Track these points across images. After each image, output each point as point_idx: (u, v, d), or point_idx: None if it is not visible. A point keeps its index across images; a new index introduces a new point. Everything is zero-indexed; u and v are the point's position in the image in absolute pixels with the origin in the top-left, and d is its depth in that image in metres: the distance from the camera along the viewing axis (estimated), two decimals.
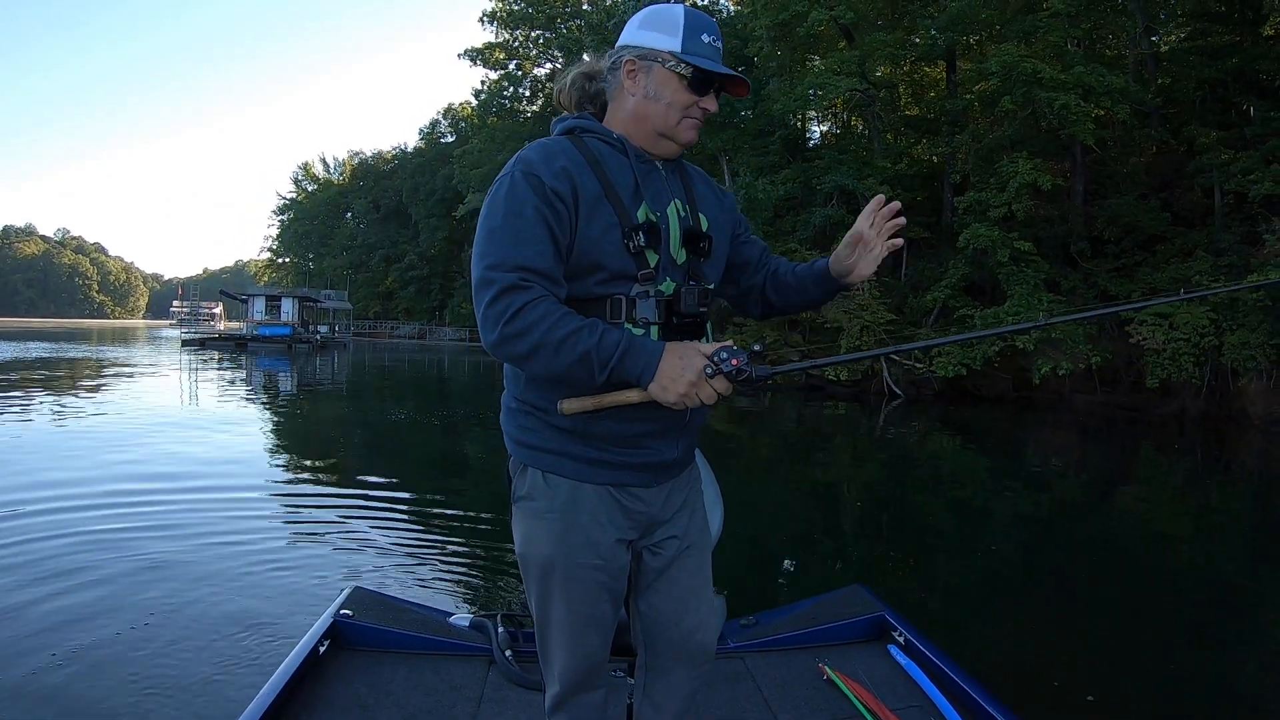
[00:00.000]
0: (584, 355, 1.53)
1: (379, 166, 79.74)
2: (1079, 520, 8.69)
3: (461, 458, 11.70)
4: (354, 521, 6.98)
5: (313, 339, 48.88)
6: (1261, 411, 18.09)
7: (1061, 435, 16.49)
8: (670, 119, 1.74)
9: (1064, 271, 22.00)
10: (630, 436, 1.70)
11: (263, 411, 16.80)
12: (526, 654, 2.90)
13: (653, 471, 1.77)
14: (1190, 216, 21.56)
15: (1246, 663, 4.58)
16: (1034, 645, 4.81)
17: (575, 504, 1.72)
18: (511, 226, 1.59)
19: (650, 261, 1.68)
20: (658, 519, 1.82)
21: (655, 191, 1.74)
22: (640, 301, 1.66)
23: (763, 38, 25.65)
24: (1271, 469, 13.38)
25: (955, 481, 11.15)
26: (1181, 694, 4.14)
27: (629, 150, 1.73)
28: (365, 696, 2.61)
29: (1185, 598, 6.02)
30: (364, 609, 3.05)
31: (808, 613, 3.23)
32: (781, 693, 2.73)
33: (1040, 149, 21.91)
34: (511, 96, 54.97)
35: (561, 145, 1.70)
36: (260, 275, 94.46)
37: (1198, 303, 18.25)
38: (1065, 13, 20.78)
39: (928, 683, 2.70)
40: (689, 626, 1.88)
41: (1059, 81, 19.32)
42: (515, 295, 1.54)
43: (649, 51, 1.73)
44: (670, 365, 1.55)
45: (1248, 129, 20.62)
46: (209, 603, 4.74)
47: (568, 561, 1.72)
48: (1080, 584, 6.17)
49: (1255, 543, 8.21)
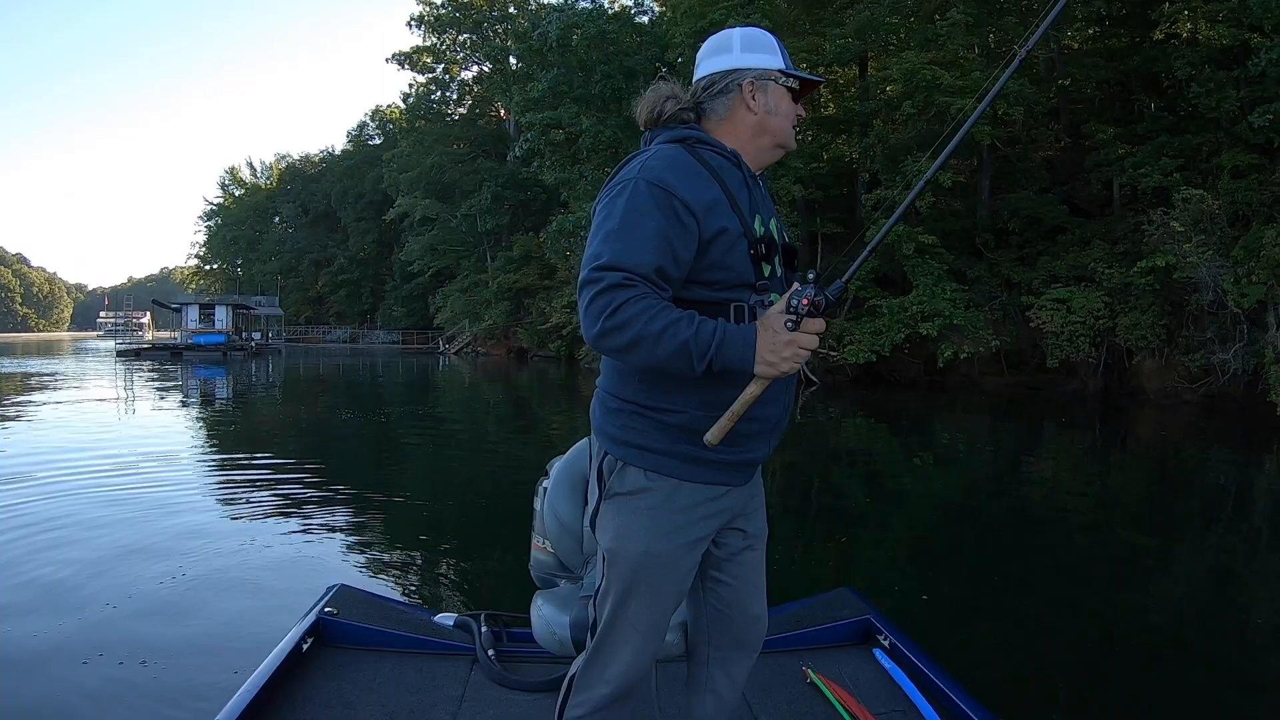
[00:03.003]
0: (682, 345, 1.56)
1: (306, 170, 78.11)
2: (988, 497, 9.24)
3: (443, 459, 11.67)
4: (337, 520, 7.02)
5: (247, 346, 48.13)
6: (1155, 387, 19.25)
7: (971, 416, 17.23)
8: (788, 129, 1.88)
9: (969, 262, 22.93)
10: (736, 436, 1.70)
11: (227, 416, 16.74)
12: (510, 654, 2.91)
13: (748, 469, 1.83)
14: (1090, 208, 22.69)
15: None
16: (976, 629, 4.85)
17: (675, 502, 1.74)
18: (626, 233, 1.62)
19: (765, 273, 1.74)
20: (738, 514, 1.87)
21: (761, 206, 1.80)
22: (760, 311, 1.67)
23: (682, 45, 26.14)
24: (1166, 439, 14.27)
25: (870, 461, 11.67)
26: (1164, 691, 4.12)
27: (743, 165, 1.80)
28: (348, 693, 2.60)
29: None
30: (348, 607, 3.04)
31: (793, 615, 3.17)
32: (764, 696, 2.68)
33: (943, 148, 22.82)
34: (439, 100, 54.79)
35: (683, 156, 1.73)
36: (188, 283, 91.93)
37: (1093, 286, 19.35)
38: (964, 22, 21.70)
39: (911, 687, 2.67)
40: (754, 614, 1.94)
41: (957, 87, 20.16)
42: (618, 292, 1.57)
43: (764, 71, 1.84)
44: (764, 341, 1.59)
45: (1139, 126, 21.70)
46: (190, 602, 4.74)
47: (661, 560, 1.75)
48: (1011, 562, 6.43)
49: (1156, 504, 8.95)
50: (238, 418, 16.78)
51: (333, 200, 68.51)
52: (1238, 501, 9.15)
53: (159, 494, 7.80)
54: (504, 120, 49.48)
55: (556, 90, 30.39)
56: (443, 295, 50.53)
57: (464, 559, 6.09)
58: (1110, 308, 19.11)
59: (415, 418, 16.78)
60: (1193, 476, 11.05)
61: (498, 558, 5.97)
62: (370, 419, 16.54)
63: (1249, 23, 16.69)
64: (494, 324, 44.45)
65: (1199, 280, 16.61)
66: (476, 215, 44.91)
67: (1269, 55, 15.62)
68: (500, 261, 44.51)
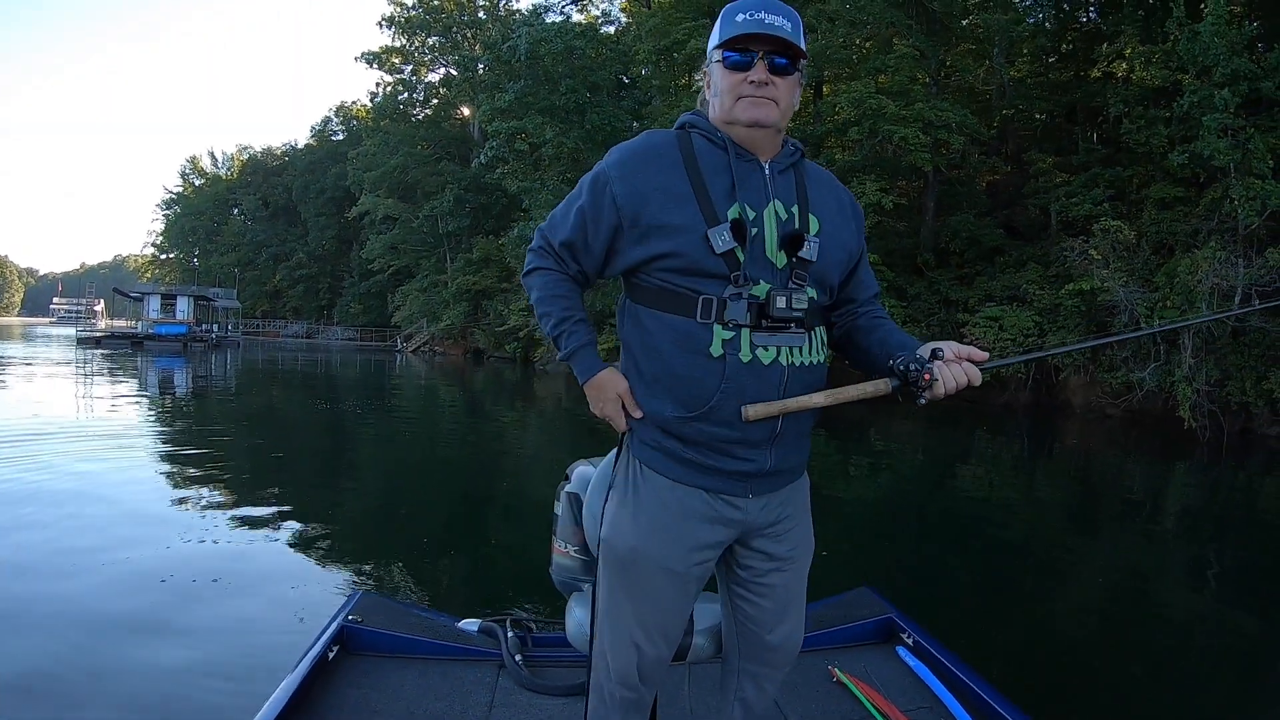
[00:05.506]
0: (551, 335, 1.82)
1: (268, 162, 77.19)
2: (922, 495, 9.88)
3: (462, 462, 11.67)
4: (359, 527, 7.04)
5: (207, 338, 47.61)
6: (1081, 401, 20.03)
7: (907, 424, 17.88)
8: (726, 105, 1.70)
9: (910, 279, 23.73)
10: (719, 443, 1.67)
11: (217, 416, 16.25)
12: (537, 659, 2.88)
13: (747, 480, 1.73)
14: (1029, 232, 23.53)
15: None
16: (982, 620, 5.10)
17: (668, 502, 1.71)
18: (563, 207, 1.80)
19: (741, 261, 1.64)
20: (755, 528, 1.77)
21: (754, 191, 1.69)
22: (731, 303, 1.63)
23: (644, 61, 26.72)
24: (1090, 449, 15.07)
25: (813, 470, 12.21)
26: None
27: (730, 148, 1.70)
28: (375, 701, 2.58)
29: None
30: (372, 614, 3.00)
31: (816, 615, 3.10)
32: (791, 695, 2.67)
33: (891, 171, 23.62)
34: (406, 101, 54.73)
35: (660, 141, 1.74)
36: (143, 271, 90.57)
37: (1025, 306, 20.18)
38: (910, 55, 22.55)
39: (937, 684, 2.67)
40: (784, 634, 1.86)
41: (900, 116, 20.92)
42: (533, 256, 1.85)
43: (709, 54, 1.75)
44: (592, 388, 1.79)
45: (1075, 157, 22.66)
46: (216, 611, 4.70)
47: (650, 558, 1.71)
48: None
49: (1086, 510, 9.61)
50: (230, 417, 16.21)
51: (294, 194, 67.84)
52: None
53: (163, 499, 7.64)
54: (468, 123, 49.61)
55: (523, 100, 30.81)
56: (402, 294, 50.40)
57: (486, 564, 6.11)
58: (1040, 326, 19.81)
59: (395, 415, 16.95)
60: (1111, 483, 11.82)
61: (519, 563, 5.96)
62: (359, 418, 16.58)
63: (1178, 65, 17.60)
64: (452, 324, 44.52)
65: (1118, 303, 17.50)
66: (438, 217, 45.01)
67: (1191, 98, 16.53)
68: (460, 263, 44.60)
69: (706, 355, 1.63)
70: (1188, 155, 16.79)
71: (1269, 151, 15.68)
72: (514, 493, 8.82)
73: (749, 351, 1.63)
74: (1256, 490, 11.87)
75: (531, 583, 5.05)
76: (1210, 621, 5.56)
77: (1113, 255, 17.98)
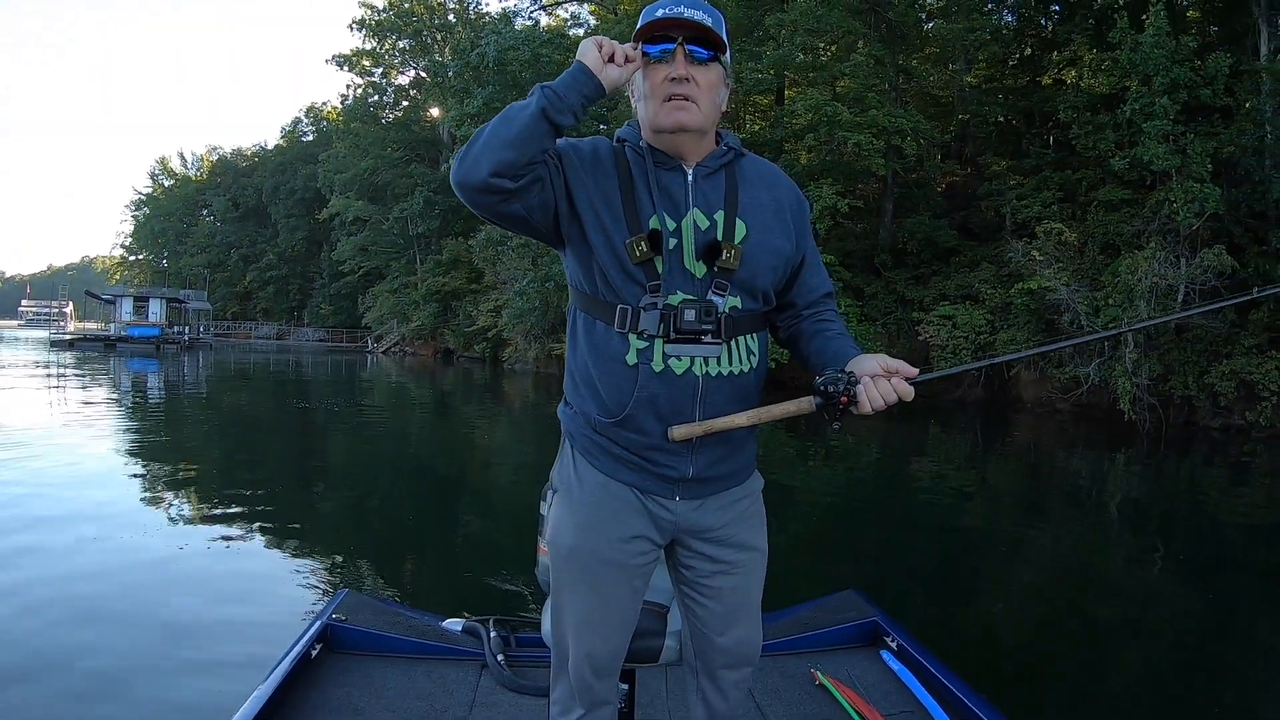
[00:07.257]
0: (530, 113, 1.53)
1: (238, 163, 76.51)
2: (876, 488, 10.22)
3: (435, 460, 11.66)
4: (339, 527, 7.02)
5: (180, 340, 47.41)
6: (1031, 397, 20.58)
7: (865, 420, 18.24)
8: (651, 110, 1.64)
9: (868, 279, 24.22)
10: (638, 449, 1.67)
11: (200, 418, 16.25)
12: (519, 659, 2.86)
13: (672, 484, 1.70)
14: (984, 233, 24.00)
15: None
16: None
17: (602, 497, 1.71)
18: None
19: (659, 272, 1.62)
20: (691, 530, 1.75)
21: (672, 200, 1.66)
22: (645, 314, 1.61)
23: None
24: (1040, 444, 15.55)
25: (762, 460, 12.47)
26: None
27: (647, 158, 1.67)
28: (358, 699, 2.56)
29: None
30: (356, 613, 2.99)
31: (801, 618, 3.13)
32: (773, 697, 2.65)
33: (848, 175, 24.00)
34: (376, 104, 54.59)
35: (603, 148, 1.71)
36: (112, 274, 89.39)
37: (977, 305, 20.68)
38: (865, 63, 22.99)
39: (920, 688, 2.65)
40: (734, 637, 1.82)
41: (855, 122, 21.36)
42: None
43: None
44: (583, 58, 1.59)
45: (1027, 160, 23.21)
46: (199, 609, 4.70)
47: (589, 551, 1.71)
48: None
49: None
50: (208, 418, 16.33)
51: (264, 195, 67.37)
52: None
53: (143, 501, 7.67)
54: (438, 126, 49.61)
55: (491, 106, 30.97)
56: (372, 295, 50.32)
57: (469, 564, 6.08)
58: (991, 324, 20.31)
59: (367, 414, 17.04)
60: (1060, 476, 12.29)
61: (503, 563, 5.92)
62: (335, 416, 16.67)
63: (1123, 73, 18.09)
64: (422, 325, 44.62)
65: (1061, 302, 18.05)
66: (408, 219, 45.08)
67: (1133, 105, 17.06)
68: (430, 265, 44.65)
69: (623, 363, 1.62)
70: (1128, 160, 17.34)
71: (1208, 156, 16.28)
72: (487, 489, 8.93)
73: (660, 361, 1.61)
74: (1196, 480, 12.37)
75: (519, 582, 5.18)
76: (1161, 606, 5.81)
77: (1055, 256, 18.57)
